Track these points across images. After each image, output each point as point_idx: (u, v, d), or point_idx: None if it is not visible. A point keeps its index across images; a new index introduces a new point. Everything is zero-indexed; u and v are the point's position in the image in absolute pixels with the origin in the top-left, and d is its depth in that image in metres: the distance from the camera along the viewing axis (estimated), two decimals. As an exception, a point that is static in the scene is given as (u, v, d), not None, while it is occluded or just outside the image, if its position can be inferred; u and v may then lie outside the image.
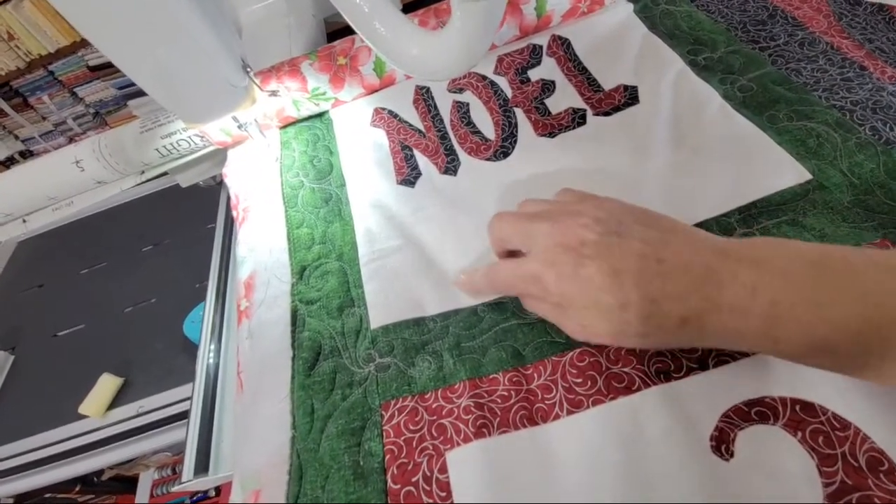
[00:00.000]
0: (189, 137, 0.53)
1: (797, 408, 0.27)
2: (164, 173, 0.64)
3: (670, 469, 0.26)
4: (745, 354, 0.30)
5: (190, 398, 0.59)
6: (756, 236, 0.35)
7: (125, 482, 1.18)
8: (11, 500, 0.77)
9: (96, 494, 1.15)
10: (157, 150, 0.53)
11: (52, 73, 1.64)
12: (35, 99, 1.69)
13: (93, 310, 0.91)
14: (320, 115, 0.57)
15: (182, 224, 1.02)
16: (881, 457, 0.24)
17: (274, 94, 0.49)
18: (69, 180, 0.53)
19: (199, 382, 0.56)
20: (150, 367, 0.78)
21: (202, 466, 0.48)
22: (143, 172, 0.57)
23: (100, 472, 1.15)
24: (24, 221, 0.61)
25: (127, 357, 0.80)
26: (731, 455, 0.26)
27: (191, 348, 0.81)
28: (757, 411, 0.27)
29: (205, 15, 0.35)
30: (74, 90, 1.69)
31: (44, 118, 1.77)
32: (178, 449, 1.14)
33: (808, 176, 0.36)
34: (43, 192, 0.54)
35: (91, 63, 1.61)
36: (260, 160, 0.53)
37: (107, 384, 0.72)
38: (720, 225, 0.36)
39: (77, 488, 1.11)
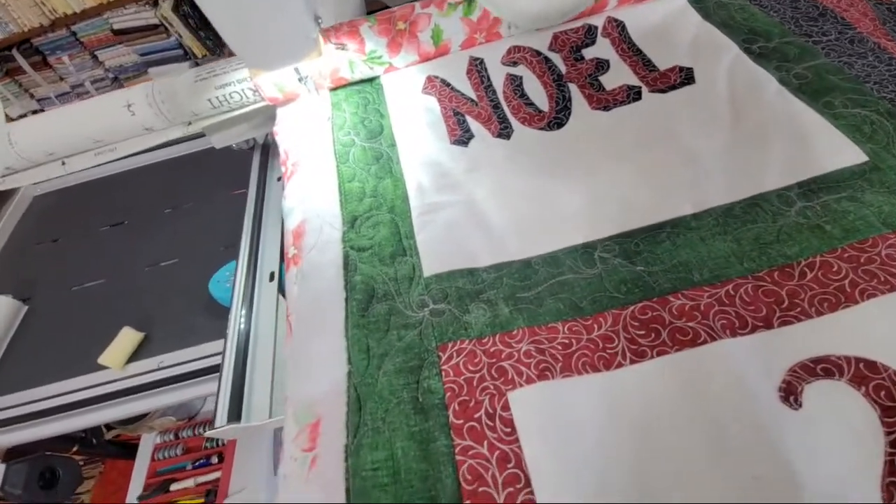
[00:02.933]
0: (242, 90, 0.53)
1: (861, 365, 0.27)
2: (200, 135, 0.64)
3: (740, 414, 0.27)
4: (808, 316, 0.30)
5: (219, 353, 0.59)
6: (817, 210, 0.35)
7: (123, 447, 1.16)
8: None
9: (91, 456, 1.14)
10: (209, 100, 0.53)
11: (74, 33, 1.64)
12: (55, 59, 1.69)
13: (113, 266, 0.90)
14: (370, 80, 0.57)
15: (203, 189, 1.02)
16: None
17: (341, 46, 0.49)
18: (119, 124, 0.54)
19: (232, 339, 0.56)
20: (172, 324, 0.77)
21: (235, 414, 0.48)
22: (189, 124, 0.57)
23: (99, 434, 1.13)
24: (64, 164, 0.61)
25: (148, 313, 0.79)
26: (800, 405, 0.27)
27: (213, 308, 0.80)
28: (822, 368, 0.28)
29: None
30: (95, 53, 1.69)
31: (61, 79, 1.76)
32: (184, 413, 1.13)
33: (864, 158, 0.37)
34: (90, 134, 0.55)
35: (116, 27, 1.60)
36: (311, 118, 0.54)
37: (128, 337, 0.72)
38: (781, 198, 0.37)
39: (74, 448, 1.09)
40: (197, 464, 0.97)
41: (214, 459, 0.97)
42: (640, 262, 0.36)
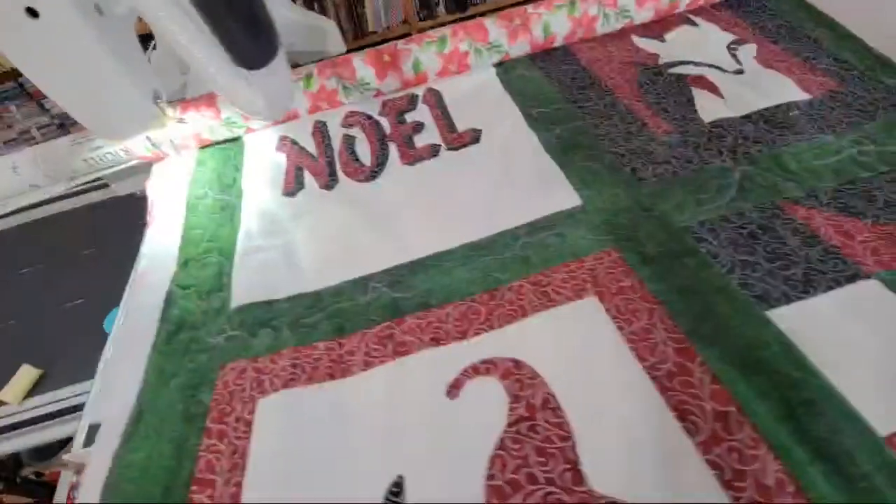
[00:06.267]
0: (114, 151, 0.62)
1: (510, 364, 0.36)
2: (99, 183, 0.72)
3: (424, 407, 0.35)
4: (493, 328, 0.39)
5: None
6: (533, 244, 0.45)
7: (46, 487, 1.16)
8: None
9: (16, 493, 1.13)
10: (84, 160, 0.62)
11: (21, 85, 1.77)
12: (2, 108, 1.81)
13: (23, 309, 0.95)
14: (235, 139, 0.67)
15: (109, 235, 1.07)
16: (550, 398, 0.34)
17: (181, 121, 0.59)
18: (6, 183, 0.62)
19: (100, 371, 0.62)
20: (69, 361, 0.83)
21: (91, 440, 0.54)
22: (72, 179, 0.66)
23: (20, 469, 1.13)
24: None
25: (48, 351, 0.84)
26: (457, 396, 0.35)
27: (108, 345, 0.85)
28: (486, 367, 0.36)
29: (117, 57, 0.46)
30: (41, 101, 1.82)
31: (9, 126, 1.87)
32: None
33: (578, 202, 0.48)
34: (-21, 193, 0.62)
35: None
36: (174, 175, 0.63)
37: (25, 374, 0.77)
38: (512, 235, 0.46)
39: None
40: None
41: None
42: (398, 290, 0.45)
